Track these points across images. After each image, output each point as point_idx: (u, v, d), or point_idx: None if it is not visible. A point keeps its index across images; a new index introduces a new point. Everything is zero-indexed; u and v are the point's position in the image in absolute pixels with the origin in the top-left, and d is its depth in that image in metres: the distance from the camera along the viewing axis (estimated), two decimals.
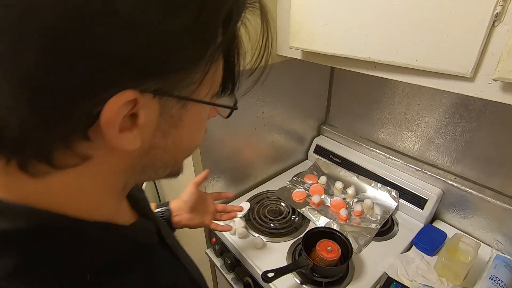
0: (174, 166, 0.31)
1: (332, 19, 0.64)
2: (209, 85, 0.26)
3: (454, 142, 0.88)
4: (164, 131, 0.26)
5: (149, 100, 0.22)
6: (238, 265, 0.88)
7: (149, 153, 0.26)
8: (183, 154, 0.31)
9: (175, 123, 0.26)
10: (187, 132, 0.28)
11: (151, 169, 0.29)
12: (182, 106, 0.25)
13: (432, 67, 0.52)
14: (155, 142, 0.26)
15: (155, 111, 0.24)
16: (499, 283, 0.70)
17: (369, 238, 0.87)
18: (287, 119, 1.10)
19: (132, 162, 0.26)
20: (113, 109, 0.20)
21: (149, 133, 0.25)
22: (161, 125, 0.25)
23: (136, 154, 0.26)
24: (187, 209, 0.66)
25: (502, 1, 0.42)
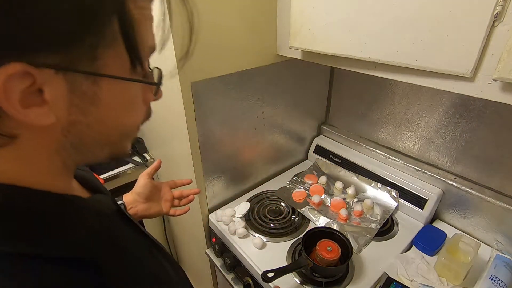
0: (112, 146, 0.32)
1: (332, 19, 0.64)
2: (114, 59, 0.26)
3: (454, 142, 0.88)
4: (80, 108, 0.26)
5: (51, 75, 0.23)
6: (238, 265, 0.88)
7: (71, 131, 0.27)
8: (116, 133, 0.31)
9: (90, 100, 0.26)
10: (112, 110, 0.29)
11: (84, 148, 0.30)
12: (93, 82, 0.26)
13: (432, 67, 0.52)
14: (73, 118, 0.27)
15: (62, 87, 0.24)
16: (499, 283, 0.70)
17: (369, 238, 0.87)
18: (287, 119, 1.10)
19: (58, 140, 0.27)
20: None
21: (62, 109, 0.25)
22: (75, 101, 0.26)
23: (57, 131, 0.27)
24: (141, 200, 0.67)
25: (502, 1, 0.42)
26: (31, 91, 0.23)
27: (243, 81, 0.88)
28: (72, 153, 0.29)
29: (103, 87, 0.27)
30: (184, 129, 0.82)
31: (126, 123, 0.32)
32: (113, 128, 0.30)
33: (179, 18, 0.30)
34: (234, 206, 0.99)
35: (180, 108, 0.79)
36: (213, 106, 0.85)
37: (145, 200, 0.67)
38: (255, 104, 0.96)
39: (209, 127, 0.87)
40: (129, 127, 0.33)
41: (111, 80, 0.27)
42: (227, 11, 0.75)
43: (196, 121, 0.83)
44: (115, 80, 0.27)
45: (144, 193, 0.67)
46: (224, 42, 0.78)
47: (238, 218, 0.95)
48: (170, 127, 0.94)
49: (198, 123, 0.83)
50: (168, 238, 1.40)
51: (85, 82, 0.25)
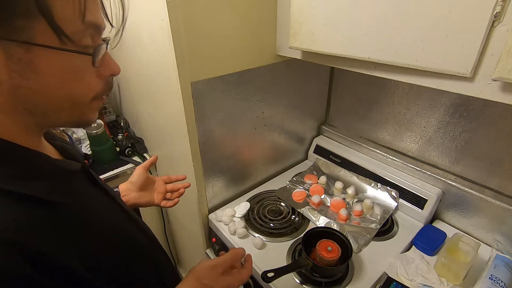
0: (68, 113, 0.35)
1: (332, 19, 0.65)
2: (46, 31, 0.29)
3: (454, 142, 0.88)
4: (20, 73, 0.30)
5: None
6: None
7: (17, 94, 0.31)
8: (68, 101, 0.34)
9: (27, 66, 0.29)
10: (53, 77, 0.31)
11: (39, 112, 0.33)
12: (26, 50, 0.29)
13: (432, 67, 0.52)
14: (15, 82, 0.30)
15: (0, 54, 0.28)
16: (499, 283, 0.70)
17: (369, 238, 0.87)
18: (287, 119, 1.10)
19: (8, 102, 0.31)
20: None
21: (3, 74, 0.29)
22: (13, 67, 0.29)
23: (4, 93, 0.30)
24: (134, 189, 0.70)
25: (502, 1, 0.42)
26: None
27: (243, 81, 0.88)
28: (28, 115, 0.33)
29: (38, 55, 0.30)
30: (184, 129, 0.82)
31: (75, 92, 0.34)
32: (61, 95, 0.33)
33: None
34: (234, 206, 0.99)
35: (180, 108, 0.79)
36: (213, 106, 0.85)
37: (138, 189, 0.71)
38: (255, 104, 0.96)
39: (209, 127, 0.87)
40: (81, 96, 0.35)
41: (45, 49, 0.29)
42: (227, 11, 0.75)
43: (196, 121, 0.83)
44: (49, 49, 0.30)
45: (137, 182, 0.70)
46: (224, 42, 0.78)
47: (238, 218, 0.95)
48: (170, 127, 0.95)
49: (198, 123, 0.83)
50: (168, 238, 1.40)
51: (19, 50, 0.29)
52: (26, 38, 0.28)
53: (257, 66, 0.89)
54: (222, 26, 0.76)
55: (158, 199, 0.74)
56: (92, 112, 0.38)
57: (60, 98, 0.33)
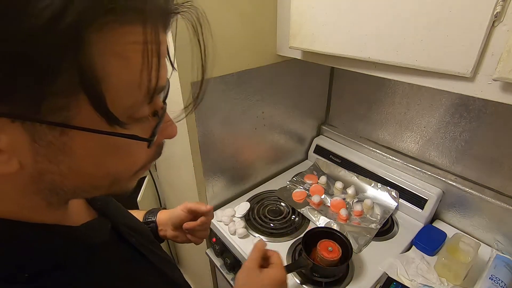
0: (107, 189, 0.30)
1: (332, 19, 0.64)
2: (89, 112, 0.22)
3: (454, 142, 0.88)
4: (48, 157, 0.24)
5: (7, 124, 0.21)
6: (238, 265, 0.88)
7: (43, 178, 0.25)
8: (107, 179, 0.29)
9: (59, 150, 0.24)
10: (88, 160, 0.26)
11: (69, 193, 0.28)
12: (61, 132, 0.23)
13: (432, 67, 0.52)
14: (42, 167, 0.24)
15: (21, 136, 0.22)
16: (499, 283, 0.70)
17: (369, 238, 0.87)
18: (287, 119, 1.10)
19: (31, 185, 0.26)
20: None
21: (27, 158, 0.23)
22: (40, 151, 0.23)
23: (26, 178, 0.25)
24: (171, 227, 0.64)
25: (502, 1, 0.42)
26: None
27: (243, 81, 0.88)
28: (54, 195, 0.27)
29: (74, 137, 0.24)
30: (184, 129, 0.82)
31: (117, 170, 0.28)
32: (96, 175, 0.27)
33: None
34: (234, 206, 0.99)
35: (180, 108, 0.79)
36: (213, 106, 0.85)
37: (175, 229, 0.64)
38: (255, 104, 0.96)
39: (209, 127, 0.87)
40: (124, 172, 0.29)
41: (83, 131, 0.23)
42: (227, 11, 0.75)
43: (196, 121, 0.83)
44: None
45: (174, 223, 0.63)
46: (224, 42, 0.78)
47: (238, 218, 0.95)
48: None
49: (198, 123, 0.83)
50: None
51: (51, 133, 0.23)
52: (63, 119, 0.22)
53: (257, 66, 0.89)
54: (222, 26, 0.76)
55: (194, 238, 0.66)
56: (133, 182, 0.32)
57: (97, 178, 0.28)
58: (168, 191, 1.27)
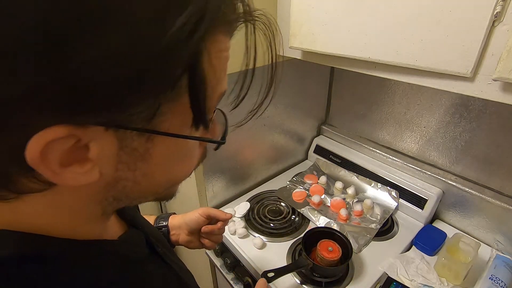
0: (158, 195, 0.30)
1: (332, 19, 0.64)
2: (179, 116, 0.23)
3: (454, 142, 0.88)
4: (128, 164, 0.24)
5: (99, 132, 0.20)
6: (238, 265, 0.88)
7: (116, 186, 0.25)
8: (162, 187, 0.29)
9: (140, 156, 0.24)
10: (162, 165, 0.26)
11: (128, 199, 0.28)
12: (147, 139, 0.23)
13: (432, 67, 0.52)
14: (119, 175, 0.24)
15: (111, 144, 0.22)
16: (499, 283, 0.70)
17: (369, 238, 0.87)
18: (287, 119, 1.10)
19: (99, 193, 0.25)
20: (36, 147, 0.18)
21: (110, 166, 0.23)
22: (123, 158, 0.23)
23: (101, 185, 0.24)
24: (186, 232, 0.63)
25: (502, 1, 0.42)
26: (74, 149, 0.20)
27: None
28: (113, 203, 0.27)
29: (157, 143, 0.24)
30: None
31: (178, 175, 0.29)
32: (161, 181, 0.28)
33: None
34: (234, 206, 0.99)
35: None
36: None
37: (190, 234, 0.63)
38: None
39: None
40: (180, 177, 0.30)
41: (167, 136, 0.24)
42: None
43: None
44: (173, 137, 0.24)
45: (191, 227, 0.63)
46: None
47: (238, 218, 0.95)
48: None
49: None
50: None
51: (138, 139, 0.23)
52: (153, 125, 0.22)
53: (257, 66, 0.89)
54: None
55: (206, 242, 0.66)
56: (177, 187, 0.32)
57: (161, 183, 0.28)
58: None
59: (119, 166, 0.23)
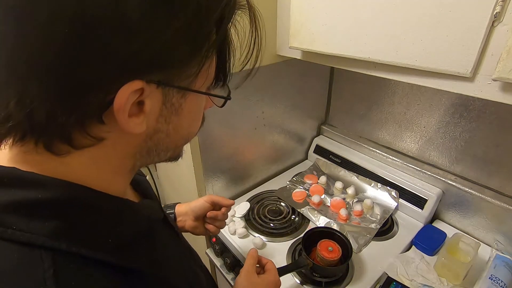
0: (175, 150, 0.35)
1: (332, 19, 0.64)
2: (204, 77, 0.30)
3: (454, 142, 0.88)
4: (166, 118, 0.29)
5: (153, 90, 0.26)
6: (238, 265, 0.88)
7: (153, 137, 0.30)
8: (182, 139, 0.35)
9: (175, 110, 0.30)
10: (187, 119, 0.32)
11: (155, 152, 0.32)
12: (182, 95, 0.29)
13: (432, 67, 0.52)
14: (158, 127, 0.29)
15: (158, 100, 0.27)
16: (499, 283, 0.70)
17: (369, 238, 0.87)
18: (287, 119, 1.10)
19: (139, 145, 0.30)
20: (123, 96, 0.24)
21: (153, 119, 0.28)
22: (164, 112, 0.29)
23: (142, 137, 0.29)
24: (192, 217, 0.67)
25: (502, 1, 0.42)
26: (135, 102, 0.25)
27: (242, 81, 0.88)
28: (144, 157, 0.32)
29: (187, 100, 0.30)
30: None
31: (192, 130, 0.35)
32: (183, 135, 0.33)
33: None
34: (234, 206, 0.99)
35: None
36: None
37: (195, 219, 0.67)
38: (255, 104, 0.96)
39: (209, 127, 0.87)
40: (193, 133, 0.36)
41: (194, 93, 0.30)
42: None
43: None
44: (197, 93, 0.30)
45: (197, 213, 0.67)
46: None
47: (238, 218, 0.95)
48: None
49: None
50: None
51: (176, 96, 0.29)
52: (188, 83, 0.28)
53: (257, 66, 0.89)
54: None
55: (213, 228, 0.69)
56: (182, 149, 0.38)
57: (181, 137, 0.34)
58: (168, 190, 1.27)
59: (159, 119, 0.29)
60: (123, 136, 0.28)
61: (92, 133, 0.26)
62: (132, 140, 0.29)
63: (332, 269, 0.74)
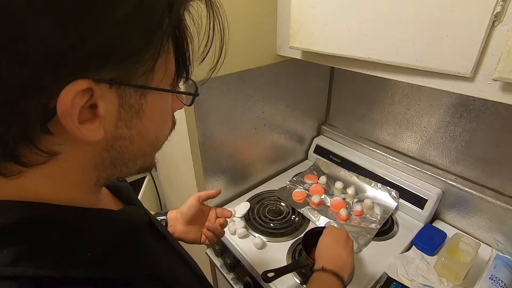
0: (144, 159, 0.32)
1: (332, 19, 0.64)
2: (163, 72, 0.27)
3: (454, 142, 0.88)
4: (126, 122, 0.27)
5: (106, 90, 0.23)
6: (238, 265, 0.88)
7: (114, 145, 0.27)
8: (150, 146, 0.31)
9: (136, 113, 0.27)
10: (151, 122, 0.29)
11: (121, 162, 0.29)
12: (141, 95, 0.26)
13: (432, 67, 0.52)
14: (119, 132, 0.27)
15: (114, 101, 0.25)
16: (499, 283, 0.70)
17: (369, 238, 0.87)
18: (287, 119, 1.10)
19: (99, 155, 0.27)
20: (67, 99, 0.21)
21: (111, 124, 0.26)
22: (122, 115, 0.26)
23: (101, 146, 0.27)
24: (182, 221, 0.63)
25: (502, 1, 0.42)
26: (86, 106, 0.23)
27: (243, 81, 0.88)
28: (108, 168, 0.29)
29: (148, 99, 0.27)
30: (184, 129, 0.82)
31: (161, 135, 0.32)
32: (150, 141, 0.30)
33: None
34: (234, 206, 0.99)
35: None
36: (213, 106, 0.85)
37: (186, 223, 0.63)
38: (255, 104, 0.96)
39: (209, 127, 0.87)
40: (162, 139, 0.33)
41: (155, 92, 0.27)
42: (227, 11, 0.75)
43: (196, 121, 0.83)
44: (158, 92, 0.28)
45: (186, 214, 0.63)
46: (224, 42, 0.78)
47: (238, 218, 0.95)
48: None
49: (198, 123, 0.83)
50: None
51: (134, 96, 0.26)
52: (145, 81, 0.26)
53: (257, 66, 0.89)
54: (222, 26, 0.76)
55: (204, 238, 0.65)
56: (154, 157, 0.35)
57: (148, 143, 0.31)
58: (168, 191, 1.27)
59: (118, 124, 0.26)
60: (79, 147, 0.25)
61: (42, 147, 0.23)
62: (90, 151, 0.26)
63: None
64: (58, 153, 0.24)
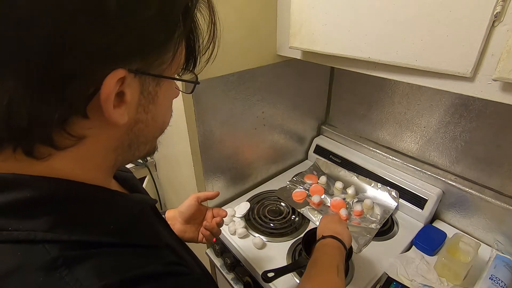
0: (152, 142, 0.36)
1: (332, 19, 0.64)
2: (176, 64, 0.31)
3: (454, 142, 0.88)
4: (144, 107, 0.30)
5: (132, 79, 0.27)
6: (238, 265, 0.88)
7: (134, 128, 0.31)
8: (159, 129, 0.35)
9: (152, 99, 0.31)
10: (161, 108, 0.33)
11: (136, 145, 0.33)
12: (157, 83, 0.30)
13: (432, 67, 0.52)
14: (138, 117, 0.30)
15: (137, 89, 0.28)
16: (499, 283, 0.70)
17: (369, 238, 0.87)
18: (287, 119, 1.10)
19: (121, 138, 0.31)
20: (110, 85, 0.25)
21: (133, 109, 0.29)
22: (142, 101, 0.30)
23: (123, 129, 0.30)
24: (181, 220, 0.65)
25: (502, 1, 0.42)
26: (117, 93, 0.26)
27: (243, 81, 0.88)
28: (125, 151, 0.32)
29: (162, 87, 0.31)
30: (184, 129, 0.82)
31: (166, 120, 0.36)
32: (159, 125, 0.34)
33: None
34: (234, 206, 0.99)
35: (180, 107, 0.79)
36: (213, 106, 0.85)
37: (184, 222, 0.65)
38: (255, 104, 0.96)
39: (209, 127, 0.87)
40: (166, 123, 0.37)
41: (167, 80, 0.31)
42: (227, 11, 0.75)
43: (196, 121, 0.83)
44: (170, 80, 0.32)
45: (185, 214, 0.65)
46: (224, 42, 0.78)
47: (238, 218, 0.95)
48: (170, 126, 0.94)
49: (198, 123, 0.83)
50: None
51: (152, 84, 0.30)
52: (161, 71, 0.29)
53: (257, 66, 0.89)
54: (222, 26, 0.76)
55: (201, 237, 0.66)
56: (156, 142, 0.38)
57: (157, 127, 0.34)
58: (168, 190, 1.27)
59: (139, 109, 0.30)
60: (104, 131, 0.28)
61: (73, 132, 0.26)
62: (113, 134, 0.30)
63: None
64: (86, 137, 0.27)
